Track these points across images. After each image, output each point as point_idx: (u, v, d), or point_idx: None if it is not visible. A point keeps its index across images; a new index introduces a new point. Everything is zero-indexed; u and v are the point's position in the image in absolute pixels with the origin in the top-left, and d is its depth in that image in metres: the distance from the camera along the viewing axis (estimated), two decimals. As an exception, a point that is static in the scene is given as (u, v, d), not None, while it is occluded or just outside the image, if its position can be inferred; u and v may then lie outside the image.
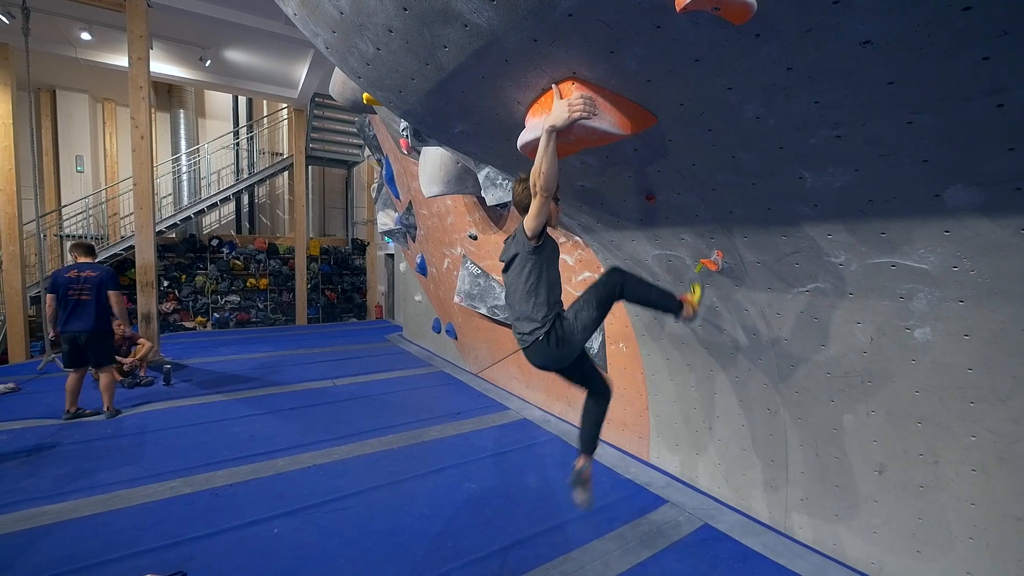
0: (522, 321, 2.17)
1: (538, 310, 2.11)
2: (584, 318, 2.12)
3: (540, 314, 2.10)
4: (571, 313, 2.15)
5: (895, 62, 1.32)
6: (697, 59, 1.50)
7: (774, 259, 2.31)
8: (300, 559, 2.46)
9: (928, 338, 1.98)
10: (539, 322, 2.10)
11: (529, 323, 2.13)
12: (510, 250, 2.19)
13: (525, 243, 2.08)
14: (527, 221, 2.01)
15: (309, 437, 4.08)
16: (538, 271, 2.10)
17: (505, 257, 2.23)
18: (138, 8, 6.40)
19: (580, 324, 2.12)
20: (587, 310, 2.14)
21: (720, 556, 2.53)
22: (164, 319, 10.47)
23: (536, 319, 2.11)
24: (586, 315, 2.13)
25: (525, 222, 2.02)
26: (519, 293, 2.15)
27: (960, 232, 1.70)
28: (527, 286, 2.11)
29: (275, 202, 12.85)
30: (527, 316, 2.14)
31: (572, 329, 2.11)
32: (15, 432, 4.14)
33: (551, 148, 1.74)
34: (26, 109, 7.67)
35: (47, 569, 2.34)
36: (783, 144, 1.74)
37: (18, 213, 7.55)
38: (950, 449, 2.04)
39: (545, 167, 1.78)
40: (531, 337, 2.14)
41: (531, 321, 2.13)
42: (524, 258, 2.11)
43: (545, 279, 2.12)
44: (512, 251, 2.17)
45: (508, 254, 2.21)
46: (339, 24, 1.89)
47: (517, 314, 2.20)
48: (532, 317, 2.12)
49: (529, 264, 2.10)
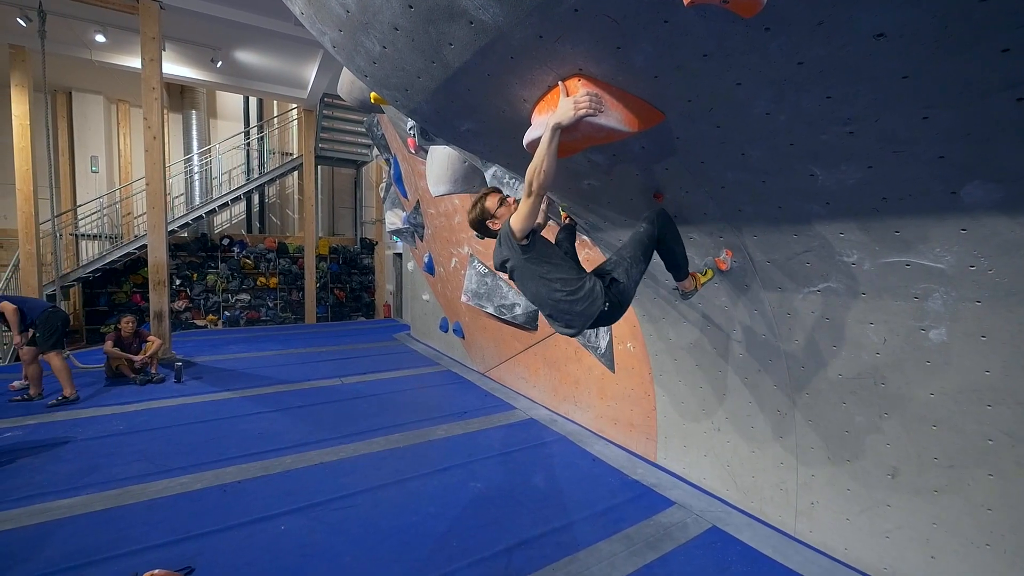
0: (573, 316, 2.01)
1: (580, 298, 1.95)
2: (635, 274, 2.04)
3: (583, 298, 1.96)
4: (622, 273, 2.01)
5: (910, 56, 1.29)
6: (705, 54, 1.48)
7: (784, 258, 2.27)
8: (307, 556, 2.47)
9: (944, 339, 1.93)
10: (590, 302, 1.98)
11: (581, 317, 2.00)
12: (501, 254, 2.04)
13: (514, 247, 1.94)
14: (515, 220, 1.88)
15: (317, 435, 4.11)
16: (548, 266, 1.97)
17: (497, 261, 2.10)
18: (151, 10, 6.49)
19: (633, 281, 2.03)
20: (636, 266, 2.05)
21: (728, 559, 2.50)
22: (176, 317, 10.61)
23: (585, 305, 1.96)
24: (636, 271, 2.05)
25: (513, 221, 1.89)
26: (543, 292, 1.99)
27: (977, 230, 1.66)
28: (550, 283, 1.96)
29: (285, 202, 12.97)
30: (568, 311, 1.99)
31: (627, 288, 2.01)
32: (29, 427, 4.22)
33: (554, 145, 1.71)
34: (42, 110, 7.79)
35: (59, 562, 2.38)
36: (794, 141, 1.71)
37: (35, 212, 7.71)
38: (966, 453, 1.99)
39: (546, 165, 1.73)
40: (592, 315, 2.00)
41: (577, 315, 1.99)
42: (525, 263, 1.96)
43: (560, 268, 1.98)
44: (503, 255, 2.03)
45: (499, 257, 2.07)
46: (345, 22, 1.89)
47: (552, 313, 2.04)
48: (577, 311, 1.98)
49: (535, 265, 1.96)
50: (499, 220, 2.10)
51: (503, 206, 2.12)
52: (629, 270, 2.04)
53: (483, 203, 2.14)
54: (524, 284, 2.06)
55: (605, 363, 4.04)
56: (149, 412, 4.69)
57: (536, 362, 5.10)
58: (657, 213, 2.20)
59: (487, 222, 2.13)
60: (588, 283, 1.95)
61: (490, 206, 2.13)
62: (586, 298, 1.95)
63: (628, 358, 3.80)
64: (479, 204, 2.14)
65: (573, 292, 1.95)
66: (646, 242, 2.12)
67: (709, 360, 3.06)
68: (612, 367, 3.98)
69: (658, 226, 2.16)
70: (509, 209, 2.10)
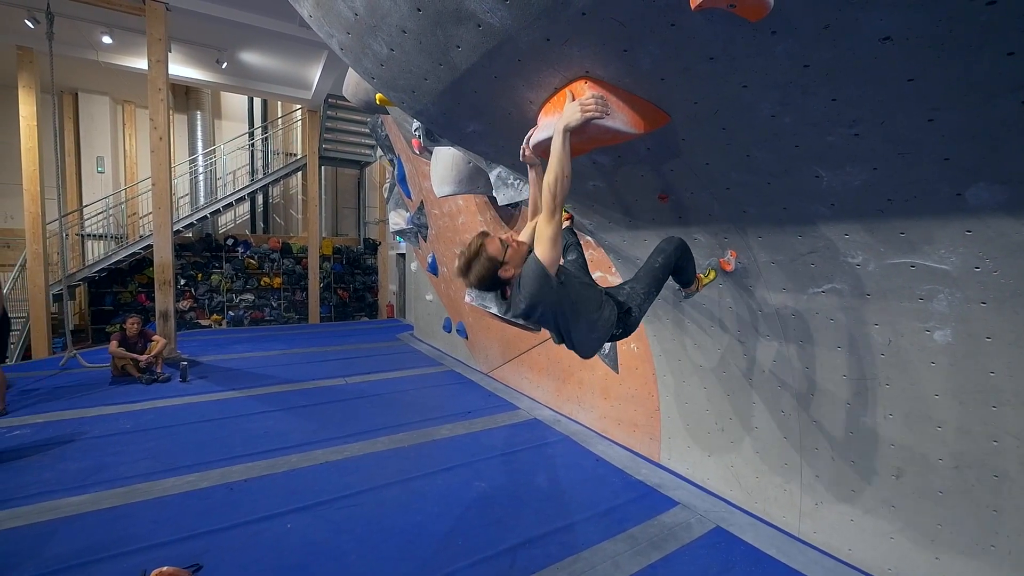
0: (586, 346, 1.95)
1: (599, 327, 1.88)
2: (647, 307, 2.02)
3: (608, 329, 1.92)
4: (636, 307, 1.97)
5: (916, 58, 1.29)
6: (712, 57, 1.49)
7: (789, 259, 2.28)
8: (312, 554, 2.48)
9: (948, 340, 1.93)
10: (619, 332, 1.97)
11: (596, 343, 1.96)
12: (527, 299, 1.72)
13: (550, 284, 1.69)
14: (545, 251, 1.65)
15: (321, 434, 4.13)
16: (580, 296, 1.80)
17: (518, 311, 1.78)
18: (157, 12, 6.53)
19: (643, 312, 2.01)
20: (649, 299, 2.03)
21: (732, 559, 2.50)
22: (181, 317, 10.67)
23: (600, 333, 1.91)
24: (648, 304, 2.02)
25: (542, 254, 1.66)
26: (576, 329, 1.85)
27: (983, 232, 1.66)
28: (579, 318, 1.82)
29: (289, 202, 13.02)
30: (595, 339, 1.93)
31: (639, 319, 2.01)
32: (37, 426, 4.25)
33: (566, 149, 1.67)
34: (49, 111, 7.87)
35: (67, 559, 2.40)
36: (799, 142, 1.71)
37: (41, 213, 7.76)
38: (970, 454, 1.99)
39: (565, 170, 1.64)
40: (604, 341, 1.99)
41: (600, 340, 1.95)
42: (555, 298, 1.73)
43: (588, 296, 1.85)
44: (533, 299, 1.71)
45: (520, 308, 1.76)
46: (353, 25, 1.91)
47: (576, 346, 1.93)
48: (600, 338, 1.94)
49: (567, 298, 1.77)
50: (511, 265, 1.78)
51: (509, 248, 1.79)
52: (643, 304, 2.02)
53: (486, 252, 1.76)
54: (569, 326, 1.82)
55: (609, 364, 4.05)
56: (155, 411, 4.72)
57: (540, 362, 5.11)
58: (675, 247, 2.13)
59: (499, 272, 1.77)
60: (606, 311, 1.90)
61: (496, 252, 1.76)
62: (603, 326, 1.90)
63: (632, 359, 3.80)
64: (481, 255, 1.76)
65: (593, 324, 1.87)
66: (661, 277, 2.10)
67: (713, 361, 3.06)
68: (616, 368, 3.99)
69: (675, 258, 2.13)
70: (518, 248, 1.80)
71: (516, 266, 1.78)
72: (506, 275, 1.78)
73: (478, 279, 1.78)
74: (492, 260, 1.75)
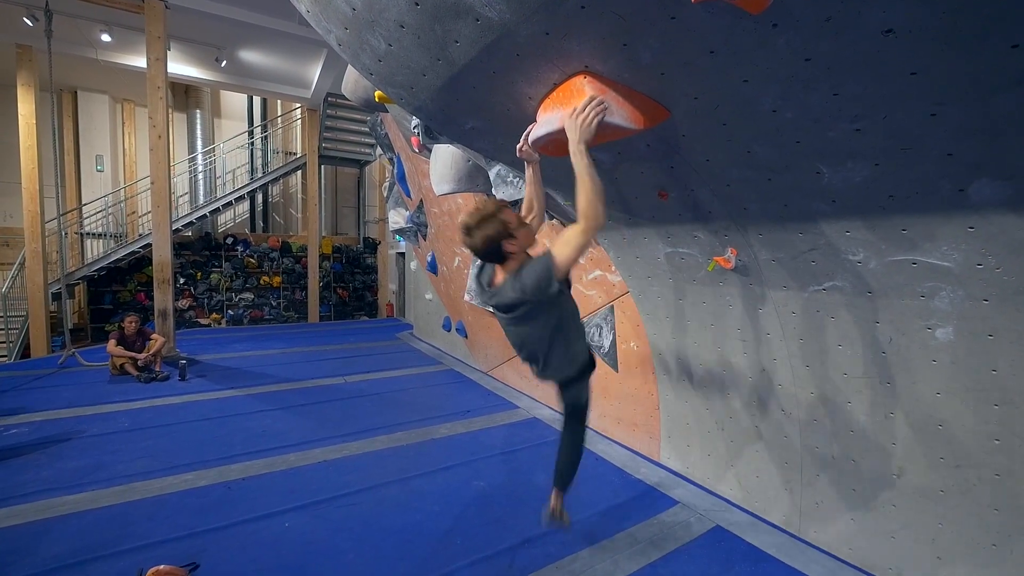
0: (550, 369, 1.98)
1: (573, 362, 1.92)
2: (585, 396, 2.18)
3: (576, 368, 1.95)
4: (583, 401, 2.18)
5: (918, 52, 1.28)
6: (712, 51, 1.47)
7: (790, 256, 2.26)
8: (310, 553, 2.47)
9: (950, 338, 1.92)
10: (575, 373, 2.00)
11: (560, 372, 2.00)
12: (507, 294, 1.73)
13: (550, 285, 1.66)
14: (565, 254, 1.61)
15: (320, 433, 4.11)
16: (568, 315, 1.83)
17: (502, 301, 1.77)
18: (156, 10, 6.51)
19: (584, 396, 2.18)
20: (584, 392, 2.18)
21: (732, 558, 2.49)
22: (180, 315, 10.66)
23: (571, 371, 1.96)
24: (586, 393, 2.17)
25: (561, 254, 1.62)
26: (543, 343, 1.86)
27: (985, 228, 1.65)
28: (556, 335, 1.82)
29: (288, 201, 13.01)
30: (558, 366, 1.96)
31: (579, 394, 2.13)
32: (36, 424, 4.24)
33: (590, 163, 1.60)
34: (48, 110, 7.84)
35: (65, 558, 2.39)
36: (800, 138, 1.70)
37: (40, 211, 7.75)
38: (973, 453, 1.98)
39: (600, 187, 1.57)
40: (561, 377, 2.03)
41: (563, 371, 1.99)
42: (544, 305, 1.75)
43: (574, 323, 1.86)
44: (514, 296, 1.72)
45: (506, 298, 1.75)
46: (351, 20, 1.89)
47: (544, 364, 1.95)
48: (565, 369, 1.97)
49: (555, 310, 1.78)
50: (516, 244, 1.74)
51: (524, 227, 1.76)
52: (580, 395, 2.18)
53: (501, 216, 1.72)
54: (524, 326, 1.85)
55: (609, 362, 4.04)
56: (154, 409, 4.71)
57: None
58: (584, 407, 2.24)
59: (503, 242, 1.73)
60: (582, 346, 2.00)
61: (511, 221, 1.73)
62: (578, 357, 1.98)
63: (631, 357, 3.79)
64: (495, 217, 1.72)
65: (568, 345, 1.92)
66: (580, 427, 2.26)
67: (713, 359, 3.05)
68: (616, 366, 3.98)
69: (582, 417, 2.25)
70: (531, 234, 1.79)
71: (520, 247, 1.76)
72: (509, 248, 1.73)
73: (483, 239, 1.72)
74: (505, 225, 1.71)
